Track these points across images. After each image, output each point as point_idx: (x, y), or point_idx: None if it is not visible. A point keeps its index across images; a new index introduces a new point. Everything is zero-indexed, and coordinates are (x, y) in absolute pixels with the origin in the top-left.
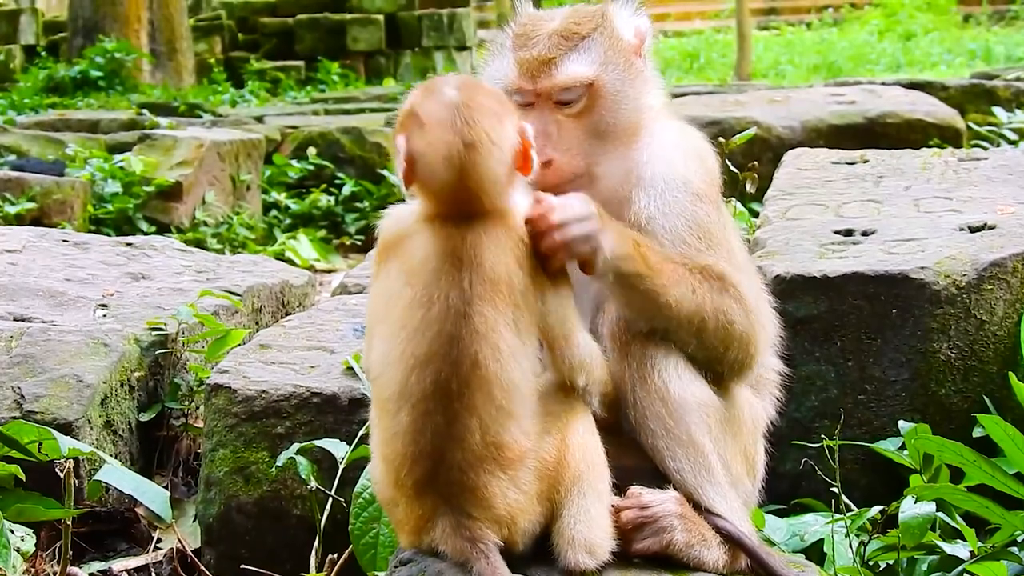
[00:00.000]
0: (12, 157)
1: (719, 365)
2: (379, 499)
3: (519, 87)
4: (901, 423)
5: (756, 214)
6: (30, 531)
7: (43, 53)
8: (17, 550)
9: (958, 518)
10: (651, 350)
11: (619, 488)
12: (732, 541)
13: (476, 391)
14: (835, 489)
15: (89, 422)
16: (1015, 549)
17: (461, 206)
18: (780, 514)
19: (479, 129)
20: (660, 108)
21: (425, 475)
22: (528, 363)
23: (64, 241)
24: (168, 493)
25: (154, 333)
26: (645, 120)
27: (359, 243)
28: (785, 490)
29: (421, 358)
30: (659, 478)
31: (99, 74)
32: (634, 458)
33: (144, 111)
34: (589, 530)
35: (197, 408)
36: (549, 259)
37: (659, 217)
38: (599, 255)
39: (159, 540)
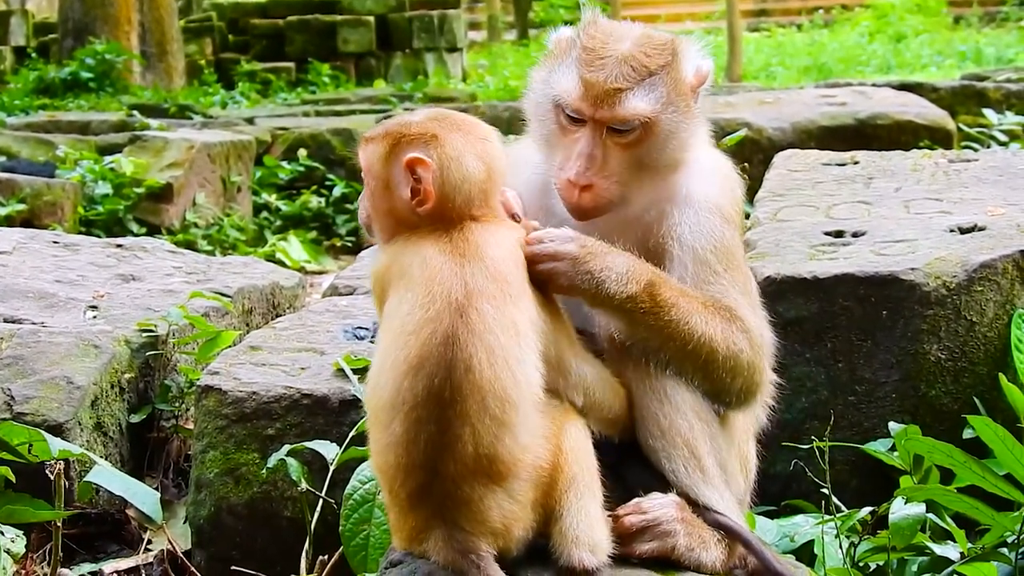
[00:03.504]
0: (2, 159)
1: (727, 395)
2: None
3: (578, 108)
4: (891, 424)
5: (747, 215)
6: (20, 533)
7: (33, 55)
8: (7, 552)
9: (948, 519)
10: None
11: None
12: (730, 534)
13: (468, 398)
14: (825, 490)
15: (79, 424)
16: (1005, 550)
17: (475, 206)
18: (771, 515)
19: (480, 127)
20: (701, 138)
21: (418, 488)
22: (523, 374)
23: (54, 243)
24: (158, 494)
25: (144, 335)
26: (688, 156)
27: (350, 244)
28: (776, 491)
29: (414, 362)
30: (658, 482)
31: (89, 76)
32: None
33: (134, 113)
34: (591, 529)
35: (187, 410)
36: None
37: (688, 234)
38: (580, 285)
39: (149, 542)
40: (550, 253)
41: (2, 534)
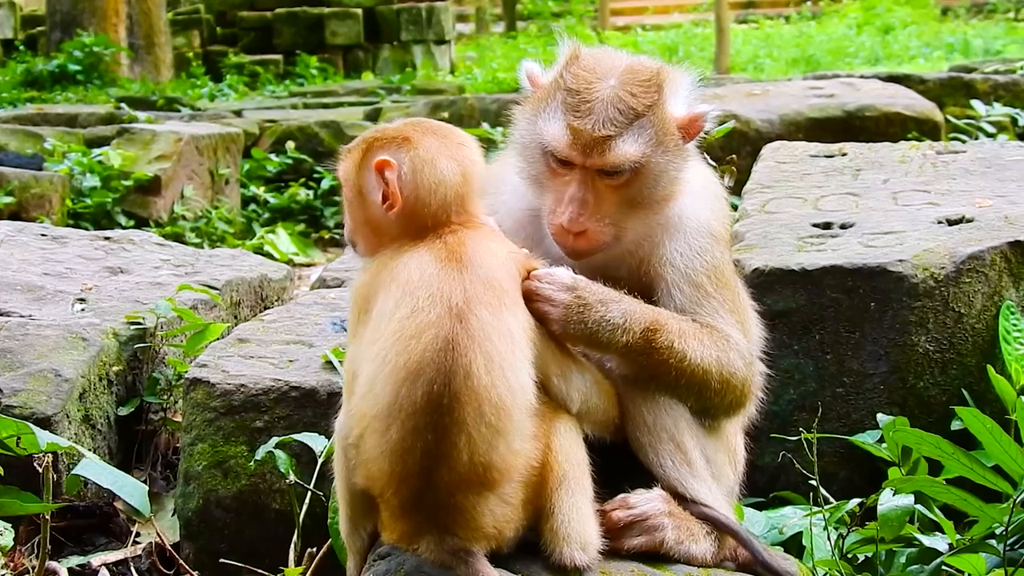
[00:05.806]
0: None
1: (718, 411)
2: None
3: (568, 156)
4: (879, 416)
5: (735, 207)
6: (8, 526)
7: (21, 47)
8: None
9: (936, 511)
10: None
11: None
12: (718, 526)
13: (466, 405)
14: (814, 482)
15: (67, 416)
16: (993, 542)
17: (450, 213)
18: (759, 507)
19: (456, 132)
20: (691, 161)
21: (412, 496)
22: (517, 381)
23: (42, 235)
24: (147, 487)
25: (132, 327)
26: (679, 189)
27: (338, 237)
28: (764, 483)
29: (413, 368)
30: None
31: (77, 68)
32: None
33: (122, 105)
34: (582, 527)
35: (176, 402)
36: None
37: (681, 259)
38: (573, 333)
39: (138, 534)
40: (545, 296)
41: None
